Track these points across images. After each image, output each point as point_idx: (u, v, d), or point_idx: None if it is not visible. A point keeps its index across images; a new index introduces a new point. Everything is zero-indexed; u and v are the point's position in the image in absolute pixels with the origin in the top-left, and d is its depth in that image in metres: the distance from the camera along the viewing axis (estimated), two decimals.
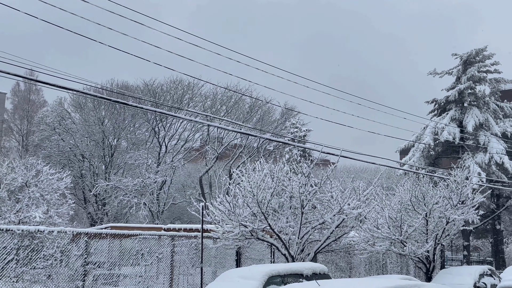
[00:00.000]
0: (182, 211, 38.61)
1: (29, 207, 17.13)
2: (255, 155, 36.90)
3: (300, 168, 15.18)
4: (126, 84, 38.50)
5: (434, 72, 36.80)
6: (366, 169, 45.40)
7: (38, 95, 47.47)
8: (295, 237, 14.70)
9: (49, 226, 15.72)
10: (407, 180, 19.20)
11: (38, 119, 39.07)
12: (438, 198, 17.31)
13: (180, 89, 38.26)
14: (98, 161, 36.42)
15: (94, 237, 13.87)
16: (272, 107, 39.72)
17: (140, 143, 38.01)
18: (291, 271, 10.87)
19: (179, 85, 38.06)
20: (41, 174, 18.35)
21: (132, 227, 20.88)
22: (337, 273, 19.12)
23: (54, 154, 36.22)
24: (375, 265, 21.32)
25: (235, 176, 16.19)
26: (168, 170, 35.67)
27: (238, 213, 14.21)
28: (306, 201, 14.57)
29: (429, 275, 17.88)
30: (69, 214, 18.72)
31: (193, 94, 38.73)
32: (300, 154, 38.13)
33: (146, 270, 14.82)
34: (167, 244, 15.34)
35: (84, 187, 36.66)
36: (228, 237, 14.58)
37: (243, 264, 16.32)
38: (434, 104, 37.21)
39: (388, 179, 40.55)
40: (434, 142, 34.40)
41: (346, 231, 15.45)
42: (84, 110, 36.90)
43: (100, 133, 35.54)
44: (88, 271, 13.37)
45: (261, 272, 10.43)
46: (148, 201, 33.16)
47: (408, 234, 16.71)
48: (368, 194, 15.63)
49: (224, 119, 31.43)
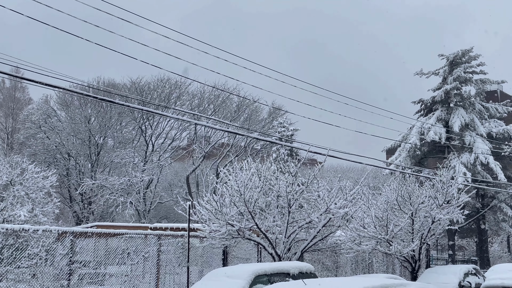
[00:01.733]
0: (169, 210, 38.48)
1: (13, 205, 16.94)
2: (242, 154, 36.88)
3: (287, 167, 15.20)
4: (112, 82, 38.24)
5: (420, 73, 37.08)
6: (353, 169, 45.59)
7: (23, 93, 46.99)
8: (282, 236, 14.72)
9: (34, 225, 15.57)
10: (393, 179, 19.31)
11: (24, 117, 38.66)
12: (424, 197, 17.43)
13: (168, 88, 38.09)
14: (84, 160, 36.15)
15: (79, 236, 13.76)
16: (259, 106, 39.75)
17: (127, 141, 37.79)
18: (277, 270, 10.88)
19: (166, 83, 37.90)
20: (26, 172, 18.17)
21: (118, 226, 20.75)
22: (324, 272, 19.18)
23: (39, 152, 35.88)
24: (361, 264, 21.42)
25: (222, 175, 16.17)
26: (155, 169, 35.50)
27: (225, 212, 14.19)
28: (293, 201, 14.59)
29: (415, 274, 18.00)
30: (55, 213, 18.56)
31: (181, 92, 38.60)
32: (287, 153, 38.18)
33: (132, 269, 14.74)
34: (153, 243, 15.27)
35: (70, 186, 36.36)
36: (215, 236, 14.57)
37: (230, 263, 16.30)
38: (420, 105, 37.50)
39: (374, 179, 40.76)
40: (420, 142, 34.67)
41: (333, 230, 15.51)
42: (70, 108, 36.59)
43: (87, 131, 35.28)
44: (73, 270, 13.27)
45: (247, 271, 10.43)
46: (134, 200, 32.98)
47: (394, 233, 16.81)
48: (354, 193, 15.70)
49: (212, 118, 31.38)
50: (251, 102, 37.67)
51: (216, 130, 35.91)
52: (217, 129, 33.22)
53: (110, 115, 36.09)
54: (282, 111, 39.31)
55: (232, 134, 36.18)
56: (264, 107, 39.75)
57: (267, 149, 39.86)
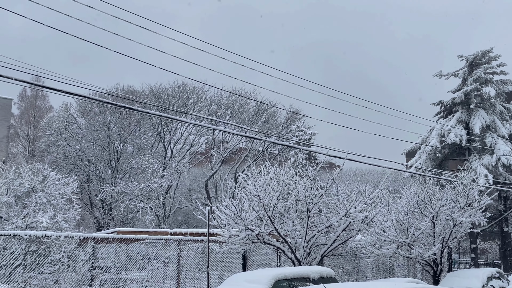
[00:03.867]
0: (188, 215, 38.63)
1: (36, 212, 17.17)
2: (260, 159, 36.90)
3: (305, 171, 15.16)
4: (131, 89, 38.62)
5: (440, 74, 36.71)
6: (372, 172, 45.26)
7: (44, 101, 47.73)
8: (302, 241, 14.67)
9: (56, 231, 15.75)
10: (413, 182, 19.13)
11: (44, 125, 39.21)
12: (445, 200, 17.23)
13: (185, 94, 38.34)
14: (104, 166, 36.51)
15: (101, 241, 13.90)
16: (277, 111, 39.74)
17: (146, 147, 38.09)
18: (297, 275, 10.84)
19: (184, 89, 38.15)
20: (48, 179, 18.39)
21: (138, 232, 20.91)
22: (344, 277, 19.06)
23: (60, 159, 36.34)
24: (382, 268, 21.24)
25: (240, 180, 16.18)
26: (173, 174, 35.70)
27: (244, 217, 14.20)
28: (312, 205, 14.54)
29: (437, 278, 17.79)
30: (76, 219, 18.74)
31: (198, 98, 38.79)
32: (305, 157, 38.09)
33: (152, 275, 14.83)
34: (173, 248, 15.35)
35: (91, 192, 36.74)
36: (234, 241, 14.58)
37: (249, 268, 16.29)
38: (440, 106, 37.11)
39: (394, 182, 40.41)
40: (441, 144, 34.29)
41: (353, 234, 15.41)
42: (90, 115, 37.02)
43: (106, 138, 35.64)
44: (95, 275, 13.39)
45: (267, 276, 10.41)
46: (154, 205, 33.20)
47: (415, 237, 16.64)
48: (374, 197, 15.59)
49: (229, 123, 31.47)
50: (269, 107, 37.70)
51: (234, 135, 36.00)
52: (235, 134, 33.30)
53: (129, 122, 36.44)
54: (299, 115, 39.25)
55: (249, 139, 36.23)
56: (281, 112, 39.77)
57: (285, 154, 39.81)
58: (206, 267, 14.75)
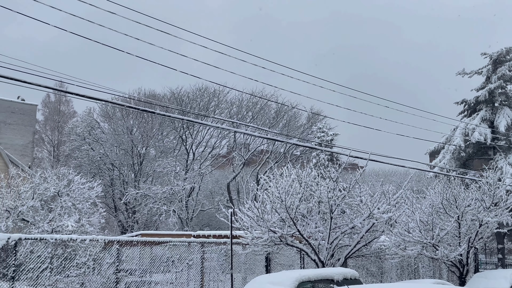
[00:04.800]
0: (211, 218, 38.81)
1: (61, 216, 17.42)
2: (282, 161, 36.87)
3: (328, 172, 15.09)
4: (153, 93, 39.00)
5: (463, 72, 36.20)
6: (395, 172, 44.85)
7: (68, 106, 48.49)
8: (325, 242, 14.60)
9: (81, 234, 15.98)
10: (437, 182, 18.90)
11: (68, 130, 39.83)
12: (470, 200, 16.98)
13: (206, 97, 38.54)
14: (128, 170, 36.90)
15: (125, 244, 14.04)
16: (298, 112, 39.68)
17: (168, 151, 38.39)
18: (321, 277, 10.79)
19: (205, 92, 38.37)
20: (73, 183, 18.64)
21: (162, 234, 21.07)
22: (368, 278, 18.91)
23: (84, 163, 36.85)
24: (407, 270, 21.01)
25: (262, 182, 16.19)
26: (196, 177, 35.91)
27: (266, 219, 14.19)
28: (335, 206, 14.46)
29: (463, 279, 17.52)
30: (100, 223, 18.95)
31: (219, 101, 38.97)
32: (327, 158, 37.92)
33: (176, 277, 14.93)
34: (197, 250, 15.42)
35: (114, 196, 37.16)
36: (257, 243, 14.58)
37: (273, 270, 16.28)
38: (463, 105, 36.59)
39: (418, 182, 39.98)
40: (465, 143, 33.80)
41: (377, 235, 15.28)
42: (113, 120, 37.47)
43: (129, 142, 36.02)
44: (120, 278, 13.53)
45: (291, 278, 10.39)
46: (177, 208, 33.42)
47: (440, 237, 16.42)
48: (398, 197, 15.43)
49: (250, 125, 31.52)
50: (290, 108, 37.65)
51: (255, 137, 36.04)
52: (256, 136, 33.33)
53: (151, 126, 36.78)
54: (321, 116, 39.12)
55: (271, 141, 36.22)
56: (302, 113, 39.70)
57: (306, 155, 39.71)
58: (230, 269, 14.79)
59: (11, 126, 34.33)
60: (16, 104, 34.94)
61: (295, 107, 36.59)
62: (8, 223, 16.61)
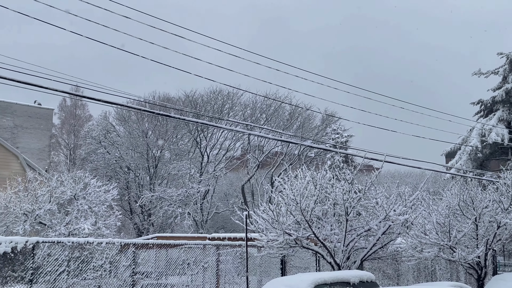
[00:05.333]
0: (226, 220, 38.85)
1: (78, 219, 17.58)
2: (296, 163, 36.81)
3: (343, 174, 15.01)
4: (167, 96, 39.19)
5: (479, 73, 35.84)
6: (411, 174, 44.50)
7: (83, 110, 48.95)
8: (340, 245, 14.53)
9: (97, 237, 16.10)
10: (454, 184, 18.70)
11: (84, 133, 40.20)
12: (487, 202, 16.77)
13: (220, 99, 38.63)
14: (143, 173, 37.11)
15: (141, 247, 14.12)
16: (312, 114, 39.59)
17: (183, 153, 38.54)
18: (337, 279, 10.73)
19: (219, 95, 38.46)
20: (89, 186, 18.81)
21: (177, 237, 21.12)
22: (385, 281, 18.78)
23: (100, 167, 37.14)
24: (424, 272, 20.82)
25: (277, 184, 16.16)
26: (210, 180, 35.99)
27: (281, 221, 14.16)
28: (351, 208, 14.39)
29: (481, 281, 17.31)
30: (117, 225, 19.09)
31: (233, 103, 39.04)
32: (342, 160, 37.74)
33: (192, 280, 14.97)
34: (212, 253, 15.45)
35: (130, 198, 37.39)
36: (272, 246, 14.55)
37: (288, 272, 16.24)
38: (480, 105, 36.22)
39: (434, 184, 39.62)
40: (482, 144, 33.44)
41: (393, 237, 15.17)
42: (128, 123, 37.73)
43: (144, 145, 36.24)
44: (136, 281, 13.61)
45: (307, 281, 10.34)
46: (192, 210, 33.53)
47: (457, 239, 16.25)
48: (414, 199, 15.31)
49: (264, 127, 31.51)
50: (304, 110, 37.59)
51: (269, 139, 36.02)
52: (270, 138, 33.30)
53: (166, 129, 36.97)
54: (335, 117, 38.99)
55: (285, 143, 36.18)
56: (317, 115, 39.60)
57: (321, 157, 39.59)
58: (245, 272, 14.79)
59: (28, 130, 34.75)
60: (32, 109, 35.37)
61: (309, 108, 36.54)
62: (25, 227, 16.80)
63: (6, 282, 11.45)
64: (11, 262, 11.64)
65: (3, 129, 33.64)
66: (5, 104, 34.31)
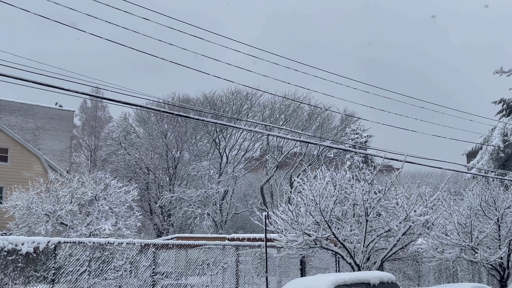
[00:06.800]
0: (245, 221, 38.89)
1: (98, 220, 17.78)
2: (315, 163, 36.68)
3: (362, 175, 14.91)
4: (187, 97, 39.39)
5: (501, 71, 35.34)
6: (432, 174, 44.01)
7: (104, 112, 49.46)
8: (360, 246, 14.43)
9: (118, 238, 16.24)
10: (475, 184, 18.47)
11: (105, 135, 40.61)
12: (510, 202, 16.53)
13: (239, 100, 38.70)
14: (163, 173, 37.35)
15: (161, 247, 14.21)
16: (331, 114, 39.42)
17: (202, 154, 38.70)
18: (357, 280, 10.66)
19: (237, 96, 38.53)
20: (109, 187, 19.00)
21: (197, 237, 21.23)
22: (405, 282, 18.60)
23: (120, 168, 37.48)
24: (445, 273, 20.58)
25: (296, 185, 16.12)
26: (229, 180, 36.06)
27: (301, 222, 14.13)
28: (370, 209, 14.28)
29: (504, 282, 17.04)
30: (137, 226, 19.25)
31: (252, 104, 39.07)
32: (362, 160, 37.48)
33: (212, 280, 15.01)
34: (231, 253, 15.49)
35: (150, 199, 37.66)
36: (291, 246, 14.52)
37: (307, 273, 16.20)
38: (502, 104, 35.70)
39: (455, 184, 39.13)
40: (504, 143, 32.94)
41: (413, 238, 15.01)
42: (148, 124, 38.02)
43: (164, 146, 36.47)
44: (156, 281, 13.70)
45: (327, 281, 10.30)
46: (211, 211, 33.64)
47: (479, 240, 16.03)
48: (435, 199, 15.13)
49: (283, 128, 31.47)
50: (323, 110, 37.44)
51: (288, 140, 35.96)
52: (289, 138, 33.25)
53: (185, 130, 37.16)
54: (354, 118, 38.77)
55: (304, 143, 36.08)
56: (336, 115, 39.42)
57: (340, 157, 39.38)
58: (265, 272, 14.79)
59: (49, 132, 35.27)
60: (54, 111, 35.89)
61: (328, 109, 36.39)
62: (47, 227, 17.05)
63: (28, 282, 11.63)
64: (34, 262, 11.82)
65: (25, 131, 34.17)
66: (27, 106, 34.87)
